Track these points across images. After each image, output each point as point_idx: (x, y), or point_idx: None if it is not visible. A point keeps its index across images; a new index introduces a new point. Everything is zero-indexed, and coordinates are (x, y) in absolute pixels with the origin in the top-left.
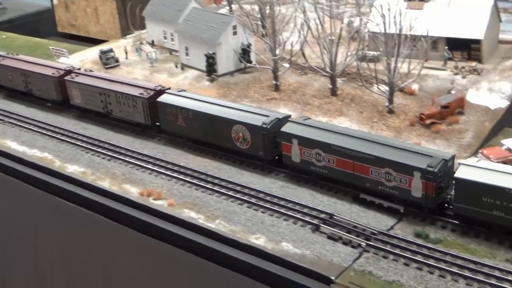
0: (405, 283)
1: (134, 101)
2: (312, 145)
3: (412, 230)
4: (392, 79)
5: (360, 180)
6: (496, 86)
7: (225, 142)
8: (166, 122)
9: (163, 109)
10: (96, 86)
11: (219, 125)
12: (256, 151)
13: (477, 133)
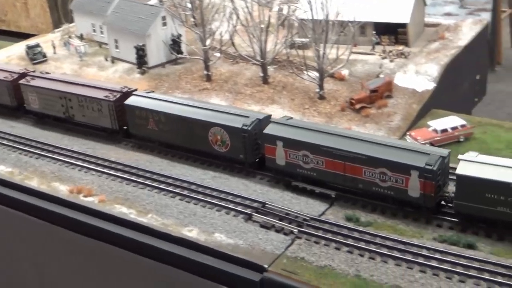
0: (336, 266)
1: (99, 105)
2: (299, 147)
3: (343, 215)
4: (321, 66)
5: (351, 182)
6: (423, 69)
7: (201, 145)
8: (135, 126)
9: (131, 113)
10: (55, 89)
11: (194, 128)
12: (236, 154)
13: (405, 115)
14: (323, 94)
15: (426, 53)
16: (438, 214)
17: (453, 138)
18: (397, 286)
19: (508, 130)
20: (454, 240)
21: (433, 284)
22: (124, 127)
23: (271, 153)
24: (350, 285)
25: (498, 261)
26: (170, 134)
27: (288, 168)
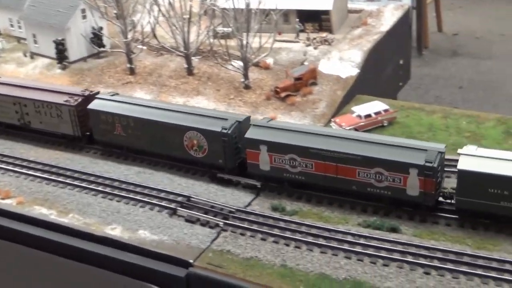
0: (262, 257)
1: (58, 110)
2: (285, 151)
3: (269, 205)
4: (245, 55)
5: (344, 184)
6: (346, 55)
7: (176, 151)
8: (100, 132)
9: (95, 118)
10: (8, 94)
11: (168, 133)
12: (214, 159)
13: (330, 102)
14: (248, 83)
15: (349, 39)
16: (438, 211)
17: (377, 123)
18: (322, 273)
19: (429, 113)
20: (378, 225)
21: (358, 269)
22: (87, 133)
23: (253, 158)
24: (276, 275)
25: (421, 243)
26: (140, 140)
27: (274, 173)
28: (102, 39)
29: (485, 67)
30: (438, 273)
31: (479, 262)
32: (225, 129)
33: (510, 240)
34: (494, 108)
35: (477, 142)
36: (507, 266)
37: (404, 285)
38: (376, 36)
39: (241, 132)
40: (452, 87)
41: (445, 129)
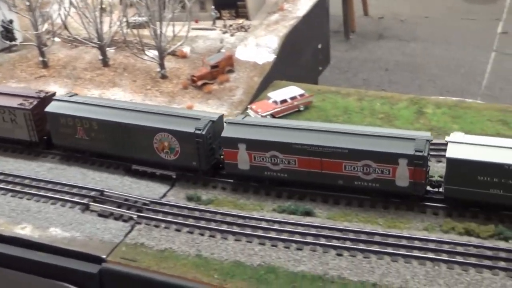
0: (177, 249)
1: (12, 114)
2: (266, 148)
3: (184, 195)
4: (160, 44)
5: (330, 179)
6: (263, 41)
7: (145, 154)
8: (60, 136)
9: (54, 121)
10: None
11: (136, 135)
12: (187, 161)
13: (247, 89)
14: (165, 73)
15: (266, 25)
16: (426, 201)
17: (293, 108)
18: (237, 261)
19: (344, 96)
20: (292, 209)
21: (272, 255)
22: (45, 137)
23: (231, 158)
24: (191, 265)
25: (334, 225)
26: (105, 143)
27: (254, 172)
28: (13, 33)
29: (410, 49)
30: (350, 254)
31: (390, 241)
32: (198, 130)
33: (420, 217)
34: (419, 89)
35: (390, 123)
36: (416, 243)
37: (317, 267)
38: (292, 21)
39: (215, 132)
40: (379, 69)
41: (359, 111)
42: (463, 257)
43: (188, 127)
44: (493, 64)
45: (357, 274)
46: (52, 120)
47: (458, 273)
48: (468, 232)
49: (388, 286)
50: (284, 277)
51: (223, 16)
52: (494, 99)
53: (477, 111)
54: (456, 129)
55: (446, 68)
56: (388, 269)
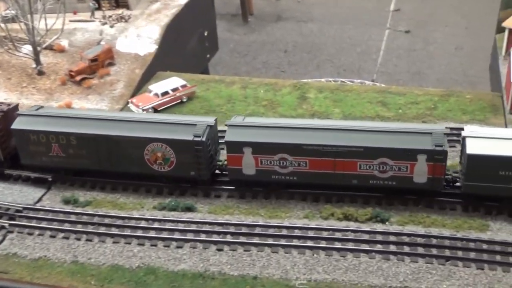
0: (52, 256)
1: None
2: (275, 150)
3: (61, 198)
4: (33, 39)
5: (343, 179)
6: (144, 32)
7: (135, 167)
8: (29, 155)
9: (22, 138)
10: None
11: (123, 148)
12: (185, 172)
13: (128, 82)
14: (42, 69)
15: (147, 15)
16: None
17: (176, 99)
18: (115, 265)
19: (228, 84)
20: (173, 206)
21: (152, 255)
22: (9, 157)
23: (235, 163)
24: (66, 273)
25: (215, 220)
26: (85, 159)
27: (260, 177)
28: None
29: (307, 29)
30: (230, 248)
31: (270, 232)
32: (197, 137)
33: (301, 205)
34: (317, 68)
35: (273, 110)
36: (296, 232)
37: (198, 264)
38: (174, 10)
39: (213, 137)
40: (278, 51)
41: (243, 99)
42: (341, 243)
43: (184, 134)
44: (387, 41)
45: (238, 269)
46: (19, 138)
47: (336, 259)
48: (346, 217)
49: (268, 278)
50: (164, 277)
51: (103, 6)
52: (388, 75)
53: (357, 93)
54: (337, 113)
55: (343, 47)
56: (268, 261)
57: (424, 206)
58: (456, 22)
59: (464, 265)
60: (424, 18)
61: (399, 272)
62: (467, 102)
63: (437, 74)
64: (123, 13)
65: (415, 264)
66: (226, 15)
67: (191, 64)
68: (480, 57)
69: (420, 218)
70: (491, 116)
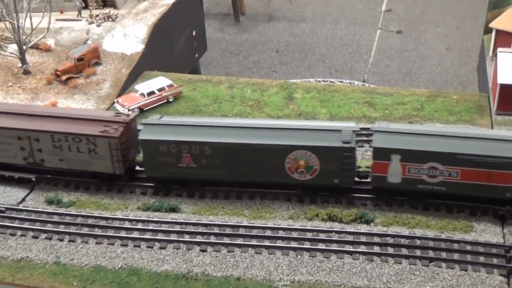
0: (34, 257)
1: (91, 143)
2: (425, 159)
3: (44, 198)
4: (19, 38)
5: (498, 191)
6: (131, 31)
7: (272, 176)
8: (156, 167)
9: (150, 149)
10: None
11: (262, 156)
12: (328, 180)
13: (114, 81)
14: (28, 68)
15: (134, 14)
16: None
17: (162, 99)
18: (98, 265)
19: (215, 84)
20: (157, 206)
21: (135, 256)
22: (131, 168)
23: (380, 170)
24: (48, 274)
25: (199, 220)
26: (219, 169)
27: (406, 186)
28: None
29: (299, 29)
30: (214, 249)
31: (254, 233)
32: (347, 143)
33: (285, 206)
34: (309, 69)
35: (260, 110)
36: (280, 233)
37: (181, 265)
38: (161, 9)
39: (354, 143)
40: (269, 51)
41: (230, 99)
42: (325, 244)
43: (331, 140)
44: (379, 41)
45: (221, 270)
46: (148, 148)
47: (320, 261)
48: (331, 217)
49: (251, 279)
50: (146, 278)
51: (90, 5)
52: (380, 75)
53: (344, 94)
54: (324, 113)
55: (335, 47)
56: (252, 262)
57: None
58: (447, 22)
59: (447, 266)
60: (416, 19)
61: (383, 273)
62: (453, 102)
63: (428, 74)
64: (110, 12)
65: (398, 265)
66: (218, 15)
67: (179, 64)
68: (471, 57)
69: (405, 219)
70: (477, 116)
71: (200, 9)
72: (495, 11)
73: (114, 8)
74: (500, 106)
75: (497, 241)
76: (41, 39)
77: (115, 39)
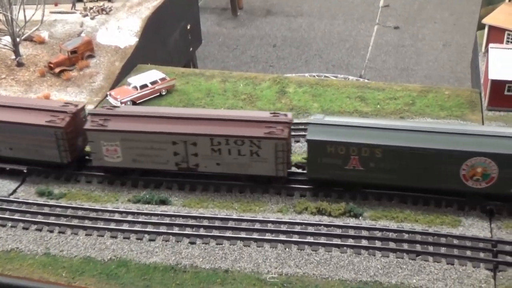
0: (24, 248)
1: (254, 146)
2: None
3: (35, 190)
4: (12, 30)
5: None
6: (125, 24)
7: (445, 183)
8: (319, 167)
9: (317, 149)
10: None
11: (438, 162)
12: (503, 189)
13: (108, 74)
14: (21, 60)
15: (128, 7)
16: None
17: (155, 92)
18: (87, 257)
19: (208, 78)
20: (147, 199)
21: (124, 247)
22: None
23: None
24: (38, 265)
25: (188, 213)
26: (387, 173)
27: None
28: None
29: (296, 24)
30: (203, 242)
31: (243, 225)
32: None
33: (275, 199)
34: (306, 64)
35: (252, 104)
36: (269, 226)
37: (170, 257)
38: (155, 2)
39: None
40: (267, 45)
41: (222, 93)
42: (314, 237)
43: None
44: (376, 37)
45: (210, 262)
46: (314, 149)
47: (308, 254)
48: (320, 211)
49: (240, 271)
50: (135, 270)
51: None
52: (377, 71)
53: (337, 88)
54: (316, 107)
55: (332, 42)
56: (240, 254)
57: (398, 201)
58: (445, 18)
59: (434, 260)
60: (413, 14)
61: (370, 267)
62: (445, 98)
63: (425, 70)
64: (104, 5)
65: (386, 259)
66: (215, 9)
67: (174, 57)
68: (468, 53)
69: (393, 213)
70: (468, 112)
71: (195, 2)
72: (489, 7)
73: (108, 1)
74: (491, 102)
75: (485, 235)
76: (34, 32)
77: (109, 32)
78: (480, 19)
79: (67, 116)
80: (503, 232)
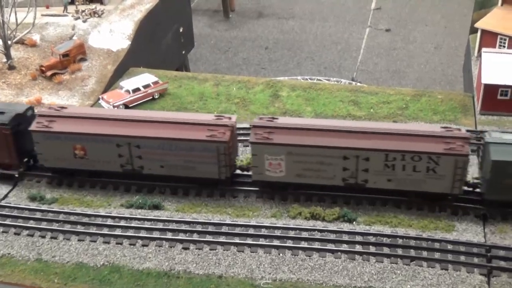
0: (15, 254)
1: (432, 162)
2: None
3: (27, 194)
4: (3, 33)
5: None
6: (117, 27)
7: None
8: (501, 189)
9: (501, 171)
10: None
11: None
12: None
13: (100, 77)
14: (12, 63)
15: (120, 10)
16: None
17: (148, 96)
18: (80, 262)
19: (201, 81)
20: (140, 204)
21: (117, 253)
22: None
23: None
24: (30, 271)
25: (182, 218)
26: None
27: None
28: None
29: (288, 26)
30: (197, 247)
31: (237, 231)
32: None
33: (269, 204)
34: (298, 66)
35: (245, 108)
36: (263, 231)
37: (163, 263)
38: (148, 5)
39: None
40: (259, 48)
41: (215, 97)
42: (308, 243)
43: None
44: (367, 39)
45: (203, 267)
46: (498, 171)
47: (302, 259)
48: (314, 216)
49: (233, 277)
50: (128, 276)
51: (76, 1)
52: (368, 73)
53: (330, 92)
54: (309, 111)
55: (324, 45)
56: (234, 260)
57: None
58: (436, 21)
59: (428, 265)
60: (405, 17)
61: (364, 272)
62: (438, 102)
63: (416, 73)
64: (96, 8)
65: (380, 264)
66: (207, 11)
67: (166, 61)
68: (459, 56)
69: (387, 218)
70: (461, 116)
71: (187, 5)
72: (481, 11)
73: (100, 4)
74: (484, 106)
75: (478, 240)
76: (26, 34)
77: (101, 35)
78: (473, 23)
79: (227, 129)
80: (496, 237)
